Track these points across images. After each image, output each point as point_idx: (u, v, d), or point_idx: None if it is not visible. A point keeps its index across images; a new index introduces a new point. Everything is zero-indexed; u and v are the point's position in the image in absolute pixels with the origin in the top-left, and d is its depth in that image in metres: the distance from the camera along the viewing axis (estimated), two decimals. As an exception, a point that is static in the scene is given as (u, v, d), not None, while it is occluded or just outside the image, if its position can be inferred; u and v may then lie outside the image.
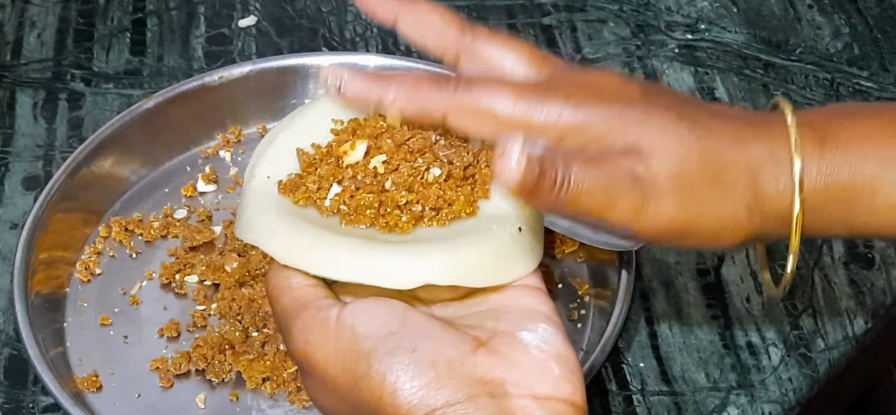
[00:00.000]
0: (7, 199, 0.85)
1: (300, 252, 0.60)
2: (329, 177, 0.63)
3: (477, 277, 0.59)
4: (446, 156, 0.62)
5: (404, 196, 0.61)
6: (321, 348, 0.57)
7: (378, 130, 0.64)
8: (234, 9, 1.00)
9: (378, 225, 0.61)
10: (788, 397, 0.75)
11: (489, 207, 0.62)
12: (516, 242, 0.60)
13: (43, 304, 0.77)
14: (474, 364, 0.55)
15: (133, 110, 0.86)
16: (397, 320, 0.56)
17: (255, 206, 0.63)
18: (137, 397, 0.75)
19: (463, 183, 0.62)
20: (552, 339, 0.57)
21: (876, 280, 0.82)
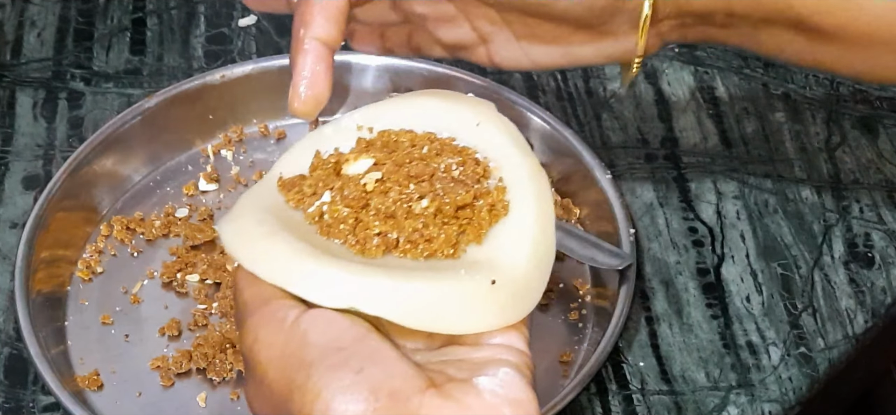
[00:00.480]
0: (7, 198, 0.85)
1: (241, 244, 0.58)
2: (323, 183, 0.61)
3: (413, 318, 0.54)
4: (443, 188, 0.59)
5: (379, 225, 0.58)
6: (267, 348, 0.53)
7: (395, 145, 0.62)
8: (234, 8, 1.00)
9: (348, 243, 0.58)
10: (788, 397, 0.76)
11: (478, 252, 0.58)
12: (481, 294, 0.55)
13: (44, 302, 0.77)
14: (419, 403, 0.50)
15: (135, 109, 0.86)
16: (352, 337, 0.52)
17: (248, 195, 0.62)
18: (138, 396, 0.75)
19: (451, 221, 0.58)
20: (510, 383, 0.52)
21: (876, 279, 0.82)
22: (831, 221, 0.85)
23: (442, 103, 0.65)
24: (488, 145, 0.63)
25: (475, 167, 0.61)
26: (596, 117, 0.92)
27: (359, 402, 0.50)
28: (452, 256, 0.57)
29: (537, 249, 0.58)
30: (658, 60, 0.96)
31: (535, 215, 0.59)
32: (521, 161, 0.62)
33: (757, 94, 0.94)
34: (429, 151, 0.61)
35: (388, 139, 0.63)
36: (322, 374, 0.51)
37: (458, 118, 0.64)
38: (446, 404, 0.51)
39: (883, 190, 0.88)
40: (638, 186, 0.87)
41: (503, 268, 0.57)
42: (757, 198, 0.87)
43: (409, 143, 0.62)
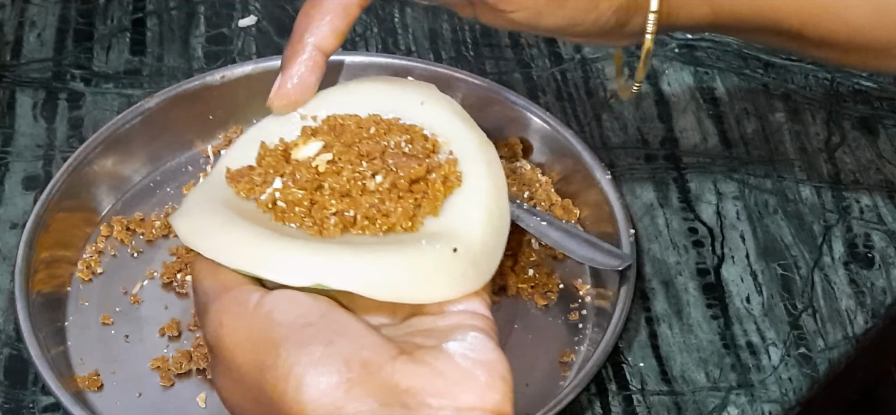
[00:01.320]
0: (7, 198, 0.85)
1: (199, 234, 0.58)
2: (272, 170, 0.61)
3: (379, 290, 0.54)
4: (395, 164, 0.59)
5: (336, 203, 0.58)
6: (233, 333, 0.53)
7: (341, 128, 0.62)
8: (233, 9, 1.00)
9: (305, 226, 0.58)
10: (788, 397, 0.76)
11: (435, 224, 0.59)
12: (443, 262, 0.56)
13: (44, 303, 0.77)
14: (393, 370, 0.51)
15: (135, 110, 0.86)
16: (318, 313, 0.52)
17: (198, 190, 0.62)
18: (138, 397, 0.75)
19: (406, 195, 0.59)
20: (480, 345, 0.53)
21: (876, 280, 0.82)
22: (831, 222, 0.85)
23: (384, 87, 0.66)
24: (434, 122, 0.64)
25: (424, 143, 0.61)
26: (596, 118, 0.92)
27: (332, 374, 0.50)
28: (411, 229, 0.58)
29: (492, 217, 0.59)
30: (658, 61, 0.96)
31: (488, 184, 0.60)
32: (468, 134, 0.63)
33: (757, 94, 0.94)
34: (376, 131, 0.62)
35: (334, 123, 0.63)
36: (291, 351, 0.51)
37: (401, 100, 0.65)
38: (419, 369, 0.51)
39: (883, 190, 0.88)
40: (638, 187, 0.87)
41: (462, 237, 0.57)
42: (757, 198, 0.87)
43: (356, 125, 0.63)
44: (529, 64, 0.96)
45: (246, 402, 0.54)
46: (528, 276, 0.80)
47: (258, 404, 0.53)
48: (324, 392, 0.50)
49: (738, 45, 0.98)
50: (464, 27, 0.99)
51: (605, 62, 0.96)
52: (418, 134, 0.62)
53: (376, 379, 0.50)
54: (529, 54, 0.97)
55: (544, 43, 0.98)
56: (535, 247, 0.82)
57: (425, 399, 0.50)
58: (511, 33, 0.98)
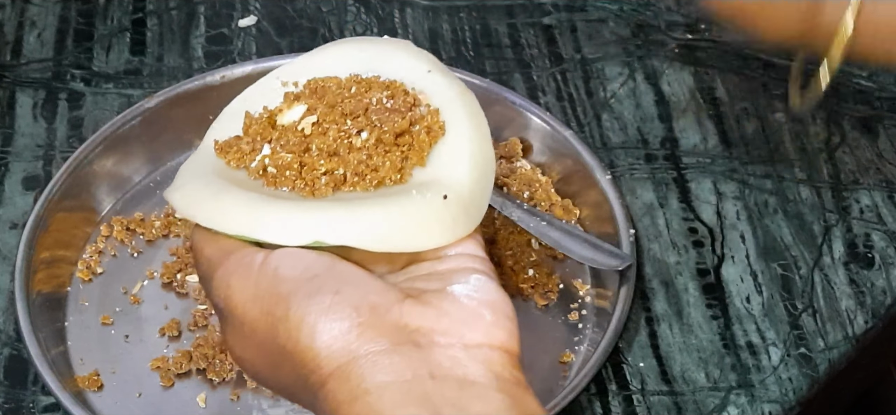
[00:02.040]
0: (7, 198, 0.85)
1: (195, 204, 0.59)
2: (259, 137, 0.62)
3: (375, 241, 0.56)
4: (379, 120, 0.60)
5: (325, 163, 0.59)
6: (241, 292, 0.55)
7: (323, 91, 0.63)
8: (233, 9, 1.00)
9: (296, 188, 0.59)
10: (788, 397, 0.76)
11: (423, 174, 0.60)
12: (435, 210, 0.57)
13: (44, 303, 0.77)
14: (400, 312, 0.52)
15: (135, 110, 0.86)
16: (323, 266, 0.54)
17: (188, 165, 0.63)
18: (138, 397, 0.75)
19: (393, 148, 0.60)
20: (484, 287, 0.54)
21: (876, 280, 0.82)
22: (831, 222, 0.85)
23: (360, 47, 0.67)
24: (413, 76, 0.65)
25: (405, 97, 0.62)
26: (596, 118, 0.92)
27: (343, 319, 0.52)
28: (400, 181, 0.59)
29: (477, 163, 0.60)
30: (658, 61, 0.96)
31: (471, 131, 0.61)
32: (447, 84, 0.64)
33: (757, 94, 0.94)
34: (357, 90, 0.63)
35: (315, 87, 0.64)
36: (301, 302, 0.52)
37: (378, 58, 0.66)
38: (426, 310, 0.53)
39: (883, 190, 0.87)
40: (638, 187, 0.87)
41: (450, 184, 0.59)
42: (757, 198, 0.87)
43: (337, 86, 0.63)
44: (529, 64, 0.96)
45: (259, 358, 0.56)
46: (528, 276, 0.80)
47: (271, 357, 0.54)
48: (336, 337, 0.51)
49: (738, 45, 0.98)
50: (464, 27, 0.99)
51: (604, 62, 0.96)
52: (399, 89, 0.63)
53: (386, 321, 0.52)
54: (529, 54, 0.97)
55: (544, 43, 0.98)
56: (535, 247, 0.82)
57: (433, 338, 0.52)
58: (511, 33, 0.98)
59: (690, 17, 1.01)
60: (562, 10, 1.01)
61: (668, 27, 0.99)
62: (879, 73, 0.96)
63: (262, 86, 0.67)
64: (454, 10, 1.00)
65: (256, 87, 0.67)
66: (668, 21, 1.00)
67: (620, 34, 0.99)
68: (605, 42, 0.98)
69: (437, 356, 0.51)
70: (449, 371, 0.51)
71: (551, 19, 1.00)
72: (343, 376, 0.51)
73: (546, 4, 1.01)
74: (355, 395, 0.50)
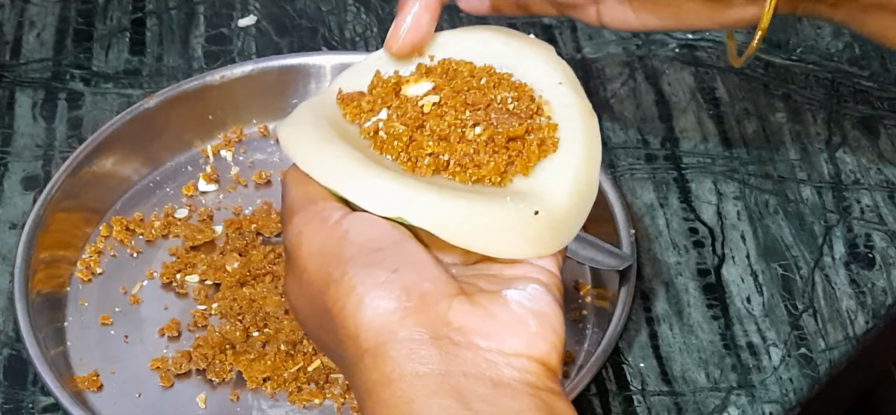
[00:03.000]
0: (6, 198, 0.85)
1: (300, 144, 0.59)
2: (381, 100, 0.62)
3: (456, 234, 0.56)
4: (497, 118, 0.60)
5: (432, 145, 0.59)
6: (309, 243, 0.55)
7: (454, 73, 0.63)
8: (233, 8, 1.00)
9: (400, 160, 0.59)
10: (789, 398, 0.75)
11: (524, 184, 0.59)
12: (523, 222, 0.57)
13: (43, 303, 0.77)
14: (448, 307, 0.52)
15: (135, 109, 0.86)
16: (392, 241, 0.54)
17: (306, 105, 0.63)
18: (138, 397, 0.75)
19: (501, 150, 0.60)
20: (538, 297, 0.54)
21: (876, 280, 0.82)
22: (832, 222, 0.85)
23: (503, 39, 0.66)
24: (543, 83, 0.64)
25: (530, 103, 0.62)
26: (596, 118, 0.92)
27: (391, 299, 0.52)
28: (499, 184, 0.59)
29: (579, 187, 0.60)
30: (658, 61, 0.96)
31: (582, 155, 0.61)
32: (573, 102, 0.63)
33: (757, 94, 0.94)
34: (487, 82, 0.63)
35: (448, 67, 0.64)
36: (358, 269, 0.53)
37: (516, 54, 0.65)
38: (473, 310, 0.53)
39: (884, 190, 0.87)
40: (638, 187, 0.87)
41: (546, 201, 0.58)
42: (757, 198, 0.87)
43: (469, 73, 0.63)
44: (529, 64, 0.96)
45: (308, 310, 0.56)
46: (529, 276, 0.80)
47: (318, 314, 0.55)
48: (379, 315, 0.52)
49: (739, 45, 0.98)
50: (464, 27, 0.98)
51: (604, 62, 0.96)
52: (526, 93, 0.63)
53: (431, 312, 0.52)
54: (529, 54, 0.97)
55: (544, 43, 0.98)
56: (535, 247, 0.82)
57: (473, 339, 0.52)
58: (511, 33, 0.98)
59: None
60: (562, 10, 1.01)
61: (668, 27, 0.99)
62: (880, 72, 0.96)
63: None
64: (454, 10, 1.00)
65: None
66: (668, 21, 1.00)
67: (620, 34, 0.99)
68: (606, 42, 0.98)
69: (474, 357, 0.52)
70: (484, 371, 0.51)
71: (551, 19, 1.00)
72: (379, 356, 0.51)
73: (546, 4, 1.01)
74: (389, 379, 0.51)
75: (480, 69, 0.64)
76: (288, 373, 0.75)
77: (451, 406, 0.50)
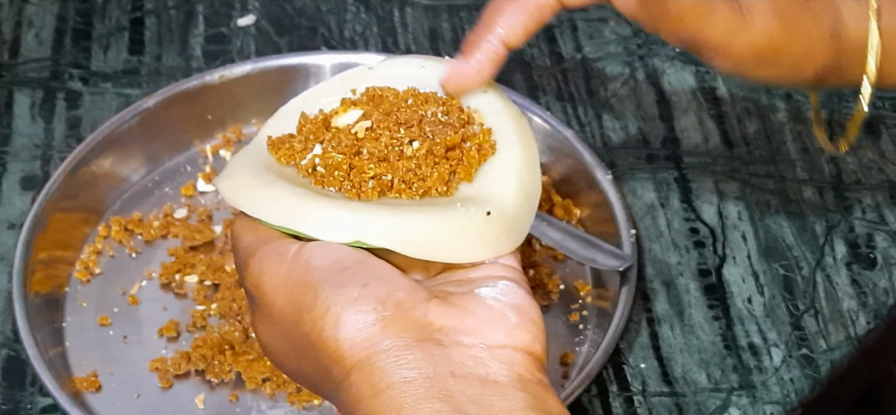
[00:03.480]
0: (5, 198, 0.85)
1: (242, 193, 0.59)
2: (312, 137, 0.62)
3: (416, 248, 0.56)
4: (432, 131, 0.61)
5: (373, 167, 0.60)
6: (272, 279, 0.55)
7: (380, 100, 0.63)
8: (232, 8, 1.00)
9: (343, 189, 0.60)
10: (790, 398, 0.75)
11: (469, 189, 0.60)
12: (478, 225, 0.58)
13: (42, 304, 0.77)
14: (426, 310, 0.53)
15: (133, 109, 0.86)
16: (354, 259, 0.55)
17: (240, 156, 0.63)
18: (137, 398, 0.74)
19: (442, 161, 0.60)
20: (511, 291, 0.55)
21: (878, 281, 0.82)
22: (833, 222, 0.85)
23: (419, 63, 0.67)
24: (469, 95, 0.65)
25: (459, 113, 0.63)
26: (597, 118, 0.92)
27: (368, 312, 0.52)
28: (446, 193, 0.60)
29: (524, 184, 0.61)
30: (659, 60, 0.96)
31: (521, 154, 0.62)
32: (502, 107, 0.64)
33: (758, 94, 0.94)
34: (414, 102, 0.63)
35: (372, 94, 0.64)
36: (328, 291, 0.53)
37: (437, 75, 0.66)
38: (451, 310, 0.53)
39: (885, 191, 0.87)
40: (639, 187, 0.87)
41: (495, 202, 0.59)
42: (758, 198, 0.86)
43: (394, 96, 0.64)
44: (529, 64, 0.96)
45: (284, 345, 0.56)
46: (529, 276, 0.80)
47: (296, 346, 0.55)
48: (360, 329, 0.52)
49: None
50: (464, 26, 0.98)
51: (605, 62, 0.96)
52: (454, 106, 0.63)
53: (410, 317, 0.52)
54: (530, 54, 0.96)
55: (545, 43, 0.98)
56: (535, 247, 0.82)
57: (456, 337, 0.52)
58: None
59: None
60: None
61: (668, 26, 0.99)
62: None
63: (321, 89, 0.67)
64: (454, 9, 1.00)
65: (316, 89, 0.68)
66: (668, 20, 1.00)
67: (621, 33, 0.98)
68: (606, 41, 0.98)
69: (460, 355, 0.52)
70: (471, 370, 0.51)
71: (552, 18, 1.00)
72: (365, 368, 0.51)
73: (546, 4, 1.01)
74: (377, 389, 0.51)
75: (405, 92, 0.64)
76: (287, 374, 0.74)
77: (442, 410, 0.50)
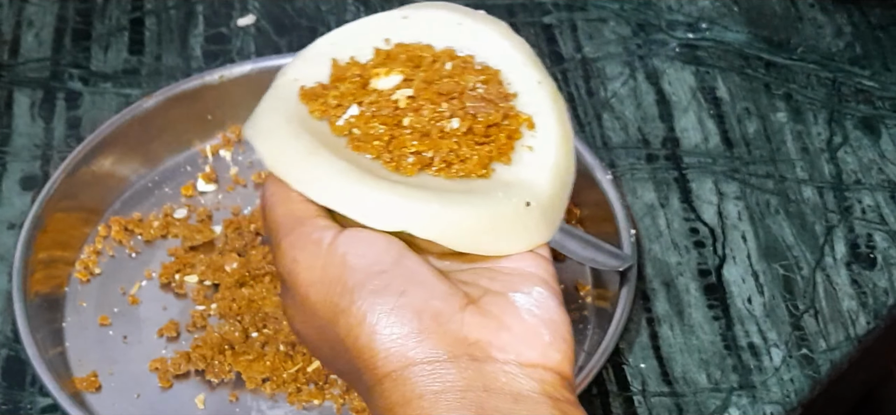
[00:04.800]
0: (4, 198, 0.85)
1: (288, 161, 0.57)
2: (350, 95, 0.60)
3: (461, 240, 0.55)
4: (474, 108, 0.59)
5: (416, 143, 0.58)
6: (308, 271, 0.54)
7: (418, 60, 0.61)
8: (232, 8, 1.00)
9: (382, 160, 0.58)
10: (790, 398, 0.75)
11: (507, 172, 0.58)
12: (519, 215, 0.57)
13: (42, 304, 0.77)
14: (461, 322, 0.53)
15: (133, 109, 0.86)
16: (391, 259, 0.54)
17: (270, 104, 0.60)
18: (137, 398, 0.74)
19: (483, 141, 0.58)
20: (546, 303, 0.54)
21: (878, 281, 0.82)
22: (833, 222, 0.85)
23: (457, 17, 0.64)
24: (507, 64, 0.63)
25: (499, 87, 0.60)
26: (596, 117, 0.92)
27: (404, 324, 0.52)
28: (484, 175, 0.58)
29: (560, 170, 0.60)
30: (659, 60, 0.96)
31: (558, 138, 0.60)
32: (540, 80, 0.62)
33: (758, 94, 0.94)
34: (453, 68, 0.61)
35: (411, 55, 0.61)
36: (365, 298, 0.53)
37: (472, 34, 0.63)
38: (486, 322, 0.53)
39: (885, 191, 0.87)
40: (639, 187, 0.87)
41: (532, 189, 0.58)
42: (758, 198, 0.86)
43: (432, 58, 0.61)
44: (530, 63, 0.96)
45: (317, 339, 0.56)
46: (529, 276, 0.80)
47: (329, 343, 0.55)
48: (395, 341, 0.52)
49: (740, 45, 0.98)
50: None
51: (605, 62, 0.96)
52: (494, 77, 0.61)
53: (446, 330, 0.52)
54: (530, 54, 0.96)
55: (544, 43, 0.98)
56: (535, 247, 0.82)
57: (491, 352, 0.52)
58: (511, 33, 0.98)
59: (691, 16, 1.00)
60: (562, 9, 1.01)
61: (668, 26, 0.99)
62: (882, 72, 0.96)
63: (351, 30, 0.64)
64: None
65: (345, 31, 0.64)
66: (668, 20, 1.00)
67: (621, 33, 0.98)
68: (606, 41, 0.98)
69: (493, 370, 0.52)
70: (504, 386, 0.52)
71: (552, 18, 1.00)
72: (398, 379, 0.52)
73: (546, 3, 1.01)
74: (408, 399, 0.51)
75: (442, 53, 0.62)
76: (287, 374, 0.74)
77: None
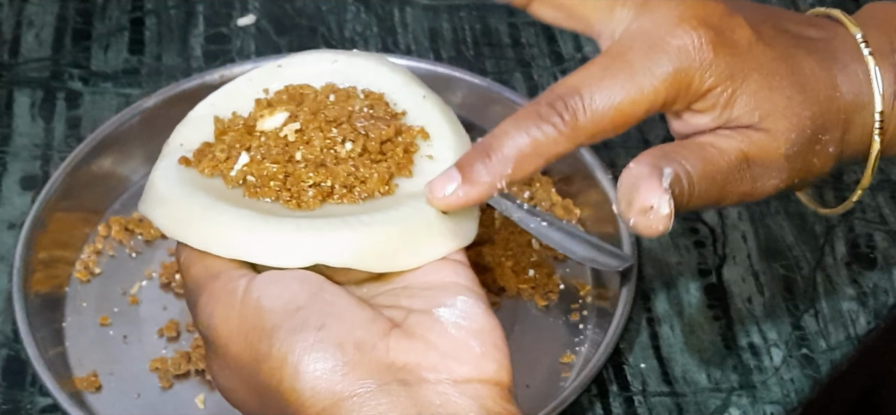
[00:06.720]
0: (5, 198, 0.85)
1: (185, 224, 0.56)
2: (237, 144, 0.59)
3: (377, 262, 0.55)
4: (364, 127, 0.58)
5: (312, 175, 0.57)
6: (225, 322, 0.53)
7: (301, 97, 0.61)
8: (232, 7, 1.00)
9: (281, 199, 0.57)
10: (790, 398, 0.75)
11: (411, 185, 0.58)
12: (431, 225, 0.56)
13: (42, 303, 0.77)
14: (386, 348, 0.51)
15: (133, 109, 0.86)
16: (307, 295, 0.52)
17: (159, 174, 0.60)
18: (137, 398, 0.74)
19: (380, 159, 0.58)
20: (471, 312, 0.52)
21: (878, 280, 0.82)
22: (833, 222, 0.85)
23: (331, 57, 0.65)
24: (388, 86, 0.63)
25: (386, 107, 0.61)
26: (596, 117, 0.91)
27: (327, 359, 0.50)
28: (388, 192, 0.58)
29: None
30: (659, 60, 0.96)
31: (453, 140, 0.60)
32: (425, 94, 0.63)
33: (758, 94, 0.94)
34: (336, 98, 0.61)
35: (292, 93, 0.62)
36: (284, 338, 0.51)
37: (350, 69, 0.64)
38: (412, 344, 0.51)
39: (885, 190, 0.87)
40: (639, 187, 0.87)
41: None
42: (758, 198, 0.86)
43: (314, 94, 0.61)
44: (529, 64, 0.96)
45: (243, 390, 0.54)
46: (529, 276, 0.80)
47: (255, 391, 0.53)
48: (320, 378, 0.50)
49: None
50: (464, 26, 0.98)
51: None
52: (378, 99, 0.61)
53: (372, 359, 0.50)
54: (530, 54, 0.96)
55: (545, 42, 0.98)
56: (535, 247, 0.82)
57: (421, 374, 0.50)
58: (511, 32, 0.98)
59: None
60: (562, 10, 1.00)
61: (668, 26, 0.99)
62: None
63: (229, 90, 0.64)
64: (454, 9, 1.00)
65: (224, 91, 0.64)
66: (668, 20, 0.99)
67: (621, 33, 0.98)
68: (606, 41, 0.98)
69: (426, 394, 0.50)
70: (438, 408, 0.50)
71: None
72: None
73: (546, 3, 1.01)
74: None
75: (324, 88, 0.62)
76: (287, 374, 0.74)
77: None
